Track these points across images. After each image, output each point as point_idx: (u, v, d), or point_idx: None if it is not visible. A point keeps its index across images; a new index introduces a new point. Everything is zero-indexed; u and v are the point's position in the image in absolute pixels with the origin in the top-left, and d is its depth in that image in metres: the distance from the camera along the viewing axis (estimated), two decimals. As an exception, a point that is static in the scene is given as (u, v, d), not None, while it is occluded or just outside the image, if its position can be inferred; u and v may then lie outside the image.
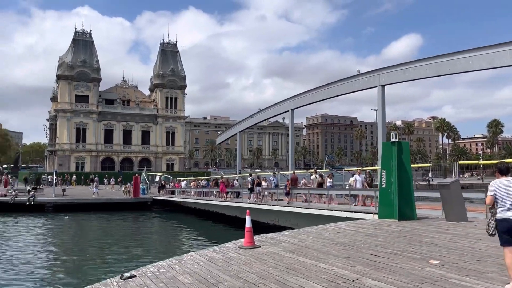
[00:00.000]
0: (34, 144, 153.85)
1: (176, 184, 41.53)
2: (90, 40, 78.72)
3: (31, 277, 15.01)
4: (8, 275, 15.34)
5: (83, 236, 25.67)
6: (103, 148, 77.62)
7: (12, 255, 19.02)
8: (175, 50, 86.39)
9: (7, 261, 17.81)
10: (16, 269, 16.22)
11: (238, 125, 48.33)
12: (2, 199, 36.76)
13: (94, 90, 77.31)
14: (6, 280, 14.64)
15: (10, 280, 14.56)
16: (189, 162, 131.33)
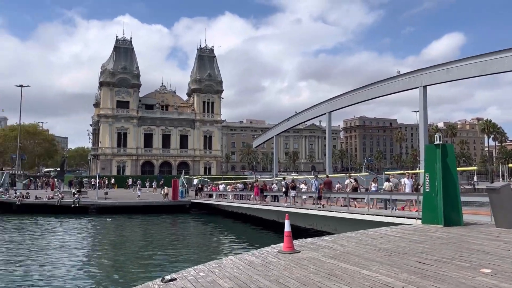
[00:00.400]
0: (78, 148, 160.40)
1: (213, 187, 41.93)
2: (130, 47, 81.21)
3: (74, 277, 15.52)
4: (52, 275, 15.94)
5: (125, 237, 26.35)
6: (143, 152, 79.69)
7: (57, 256, 19.78)
8: (211, 55, 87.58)
9: (52, 261, 18.53)
10: (60, 269, 16.84)
11: (274, 128, 48.27)
12: (49, 202, 38.46)
13: (134, 96, 79.59)
14: (50, 279, 15.22)
15: (53, 280, 15.13)
16: (226, 165, 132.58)
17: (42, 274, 16.02)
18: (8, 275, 15.81)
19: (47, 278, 15.30)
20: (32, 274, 16.06)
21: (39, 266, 17.45)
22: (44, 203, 38.54)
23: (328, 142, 37.13)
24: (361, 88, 33.58)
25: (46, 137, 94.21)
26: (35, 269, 16.97)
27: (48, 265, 17.73)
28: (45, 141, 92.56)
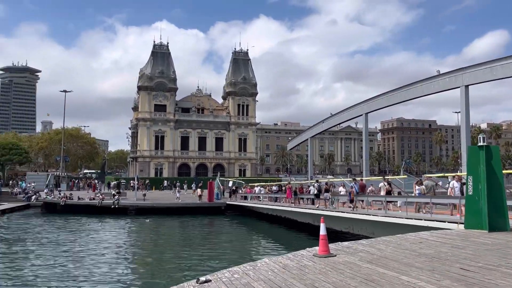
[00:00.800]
0: (118, 151, 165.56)
1: (248, 189, 42.05)
2: (167, 52, 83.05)
3: (111, 276, 15.96)
4: (91, 272, 16.47)
5: (162, 238, 26.87)
6: (179, 155, 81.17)
7: (96, 255, 20.42)
8: (246, 58, 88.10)
9: (92, 259, 19.14)
10: (99, 268, 17.37)
11: (309, 130, 47.86)
12: (91, 202, 39.87)
13: (171, 100, 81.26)
14: (89, 277, 15.72)
15: (92, 277, 15.62)
16: (260, 168, 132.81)
17: (82, 271, 16.58)
18: (51, 271, 16.47)
19: (86, 276, 15.83)
20: (72, 271, 16.66)
21: (79, 264, 18.08)
22: (86, 203, 39.99)
23: (365, 144, 36.38)
24: (398, 88, 32.72)
25: (88, 140, 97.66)
26: (76, 266, 17.59)
27: (88, 263, 18.34)
28: (87, 144, 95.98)
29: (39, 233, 28.03)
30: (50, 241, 24.35)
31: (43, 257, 19.71)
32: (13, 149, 62.12)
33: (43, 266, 17.56)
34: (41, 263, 18.22)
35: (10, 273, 16.34)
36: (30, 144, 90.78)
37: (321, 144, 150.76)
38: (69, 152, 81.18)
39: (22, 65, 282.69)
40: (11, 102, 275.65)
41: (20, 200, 46.78)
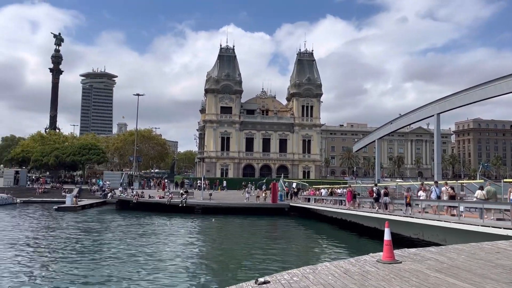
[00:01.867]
0: (187, 152, 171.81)
1: (312, 191, 41.57)
2: (233, 55, 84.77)
3: (173, 271, 16.55)
4: (155, 267, 17.19)
5: (226, 237, 27.40)
6: (244, 156, 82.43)
7: (162, 250, 21.30)
8: (311, 59, 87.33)
9: (158, 255, 19.99)
10: (163, 263, 18.09)
11: (376, 131, 46.27)
12: (160, 201, 41.76)
13: (237, 102, 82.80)
14: (153, 271, 16.40)
15: (156, 272, 16.29)
16: (325, 170, 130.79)
17: (147, 266, 17.37)
18: (119, 264, 17.46)
19: (151, 270, 16.57)
20: (138, 266, 17.50)
21: (145, 259, 18.98)
22: (156, 202, 41.96)
23: (437, 146, 34.39)
24: (475, 87, 30.51)
25: (158, 141, 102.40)
26: (142, 260, 18.47)
27: (153, 258, 19.20)
28: (158, 145, 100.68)
29: (114, 228, 29.89)
30: (123, 236, 25.86)
31: (116, 249, 20.97)
32: (92, 149, 66.85)
33: (115, 259, 18.66)
34: (114, 255, 19.38)
35: (89, 265, 17.56)
36: (107, 145, 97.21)
37: (390, 146, 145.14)
38: (141, 152, 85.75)
39: (101, 71, 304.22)
40: (91, 106, 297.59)
41: (97, 197, 50.29)
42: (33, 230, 28.06)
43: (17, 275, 15.75)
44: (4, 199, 45.60)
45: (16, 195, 48.93)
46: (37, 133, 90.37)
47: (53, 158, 62.83)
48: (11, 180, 55.84)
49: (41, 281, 14.98)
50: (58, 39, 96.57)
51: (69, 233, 27.21)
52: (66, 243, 23.33)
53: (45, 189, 53.94)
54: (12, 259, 18.57)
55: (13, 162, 73.84)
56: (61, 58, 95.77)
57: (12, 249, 20.96)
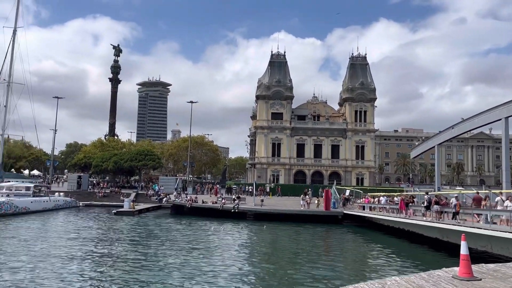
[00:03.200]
0: (238, 158, 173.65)
1: (366, 199, 40.18)
2: (284, 61, 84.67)
3: (222, 278, 16.39)
4: (204, 273, 17.12)
5: (278, 245, 26.99)
6: (295, 162, 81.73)
7: (213, 256, 21.28)
8: (364, 63, 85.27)
9: (208, 260, 19.97)
10: (213, 269, 18.00)
11: (435, 137, 44.02)
12: (213, 206, 42.19)
13: (287, 108, 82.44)
14: (202, 277, 16.34)
15: (205, 277, 16.21)
16: (379, 176, 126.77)
17: (196, 272, 17.40)
18: (175, 268, 17.60)
19: (201, 276, 16.54)
20: (188, 270, 17.56)
21: (196, 263, 19.04)
22: (209, 207, 42.44)
23: (505, 153, 32.00)
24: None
25: (211, 147, 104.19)
26: (192, 265, 18.53)
27: (204, 263, 19.22)
28: (210, 151, 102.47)
29: (169, 231, 30.49)
30: (179, 240, 26.25)
31: (171, 253, 21.27)
32: (148, 155, 69.19)
33: (170, 262, 18.89)
34: (169, 259, 19.64)
35: (145, 267, 17.90)
36: (162, 151, 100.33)
37: (448, 153, 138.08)
38: (194, 158, 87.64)
39: (156, 80, 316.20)
40: (146, 113, 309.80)
41: (153, 201, 51.81)
42: (95, 232, 29.27)
43: (80, 272, 16.35)
44: (68, 202, 48.21)
45: (79, 199, 51.57)
46: (97, 140, 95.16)
47: (112, 164, 65.66)
48: (74, 184, 59.02)
49: (99, 282, 15.41)
50: (117, 50, 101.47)
51: (127, 236, 28.09)
52: (124, 245, 24.04)
53: (105, 193, 56.45)
54: (76, 259, 19.36)
55: (76, 167, 78.10)
56: (119, 68, 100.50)
57: (76, 249, 21.89)
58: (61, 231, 29.56)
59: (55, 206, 45.14)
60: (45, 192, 48.07)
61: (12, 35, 45.46)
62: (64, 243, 24.21)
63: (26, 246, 22.70)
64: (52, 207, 44.46)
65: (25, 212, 39.92)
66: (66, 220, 36.88)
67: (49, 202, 44.87)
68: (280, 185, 67.44)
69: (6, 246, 22.64)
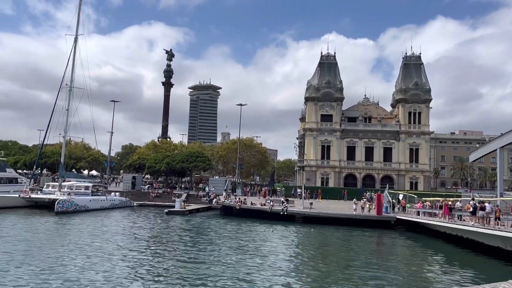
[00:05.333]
0: (286, 160, 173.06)
1: (419, 204, 38.48)
2: (334, 62, 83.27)
3: (268, 281, 16.22)
4: (253, 275, 17.02)
5: (327, 249, 26.43)
6: (345, 165, 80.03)
7: (262, 258, 21.16)
8: (418, 62, 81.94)
9: (257, 263, 19.88)
10: (262, 270, 17.87)
11: (497, 139, 41.34)
12: (262, 208, 42.23)
13: (337, 109, 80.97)
14: (251, 278, 16.24)
15: (253, 278, 16.10)
16: (434, 181, 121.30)
17: (246, 272, 17.36)
18: (224, 267, 17.69)
19: (251, 276, 16.46)
20: (239, 270, 17.55)
21: (246, 264, 19.02)
22: (257, 209, 42.55)
23: None
24: None
25: (259, 149, 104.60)
26: (242, 265, 18.51)
27: (254, 264, 19.17)
28: (259, 153, 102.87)
29: (219, 232, 30.88)
30: (228, 240, 26.49)
31: (220, 253, 21.48)
32: (198, 156, 70.68)
33: (219, 262, 19.05)
34: (218, 259, 19.82)
35: (194, 266, 18.17)
36: (212, 153, 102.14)
37: (511, 156, 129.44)
38: (243, 160, 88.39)
39: (207, 83, 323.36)
40: (197, 116, 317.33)
41: (204, 202, 52.81)
42: (148, 231, 30.27)
43: (133, 269, 16.89)
44: (123, 202, 50.32)
45: (133, 199, 53.65)
46: (151, 142, 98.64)
47: (165, 165, 67.72)
48: (129, 184, 61.54)
49: (152, 278, 15.82)
50: (170, 55, 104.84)
51: (178, 235, 28.79)
52: (175, 244, 24.64)
53: (158, 194, 58.32)
54: (130, 255, 20.07)
55: (131, 168, 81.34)
56: (172, 72, 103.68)
57: (131, 246, 22.72)
58: (117, 229, 30.88)
59: (111, 205, 47.25)
60: (102, 192, 50.49)
61: (74, 42, 48.15)
62: (120, 240, 25.23)
63: (87, 242, 23.88)
64: (108, 206, 46.58)
65: (84, 210, 42.10)
66: (122, 218, 38.46)
67: (106, 201, 47.05)
68: (319, 188, 66.24)
69: (68, 241, 23.94)
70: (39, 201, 43.63)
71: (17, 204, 42.73)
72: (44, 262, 18.29)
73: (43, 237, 25.89)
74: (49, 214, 37.73)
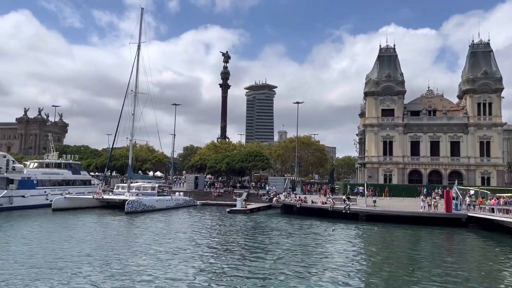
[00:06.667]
0: (345, 157, 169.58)
1: (494, 200, 35.97)
2: (393, 54, 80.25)
3: (339, 281, 15.86)
4: (318, 275, 16.75)
5: (393, 249, 25.49)
6: (409, 161, 76.84)
7: (327, 258, 20.82)
8: (487, 50, 76.59)
9: (321, 262, 19.59)
10: (327, 270, 17.56)
11: None
12: (323, 206, 41.72)
13: (399, 103, 77.94)
14: (316, 278, 16.00)
15: (318, 277, 15.84)
16: (508, 175, 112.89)
17: (311, 271, 17.13)
18: (286, 266, 17.64)
19: (316, 276, 16.22)
20: (303, 269, 17.38)
21: (310, 263, 18.80)
22: (318, 207, 42.11)
23: None
24: None
25: (317, 147, 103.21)
26: (307, 264, 18.33)
27: (318, 263, 18.88)
28: (317, 151, 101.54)
29: (281, 231, 30.94)
30: (292, 239, 26.45)
31: (284, 252, 21.49)
32: (257, 156, 71.32)
33: (283, 261, 19.04)
34: (282, 258, 19.83)
35: (259, 264, 18.31)
36: (270, 152, 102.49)
37: None
38: (301, 158, 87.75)
39: (262, 83, 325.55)
40: (254, 116, 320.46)
41: (263, 201, 53.17)
42: (212, 229, 31.07)
43: (201, 265, 17.40)
44: (187, 201, 52.06)
45: (196, 198, 55.31)
46: (211, 143, 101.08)
47: (225, 165, 69.08)
48: (192, 184, 63.56)
49: (216, 276, 16.17)
50: (226, 57, 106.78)
51: (242, 233, 29.24)
52: (241, 242, 25.01)
53: (219, 193, 59.64)
54: (199, 252, 20.70)
55: (193, 168, 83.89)
56: (228, 74, 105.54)
57: (199, 243, 23.43)
58: (184, 228, 32.07)
59: (176, 205, 49.04)
60: (167, 192, 52.54)
61: (137, 50, 50.59)
62: (188, 238, 26.14)
63: (157, 240, 25.00)
64: (173, 206, 48.39)
65: (151, 210, 44.07)
66: (187, 217, 39.81)
67: (171, 201, 48.92)
68: (386, 186, 64.04)
69: (140, 240, 25.22)
70: (110, 201, 46.31)
71: (91, 205, 45.69)
72: (119, 261, 19.37)
73: (117, 236, 27.49)
74: (120, 214, 39.93)
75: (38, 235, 26.84)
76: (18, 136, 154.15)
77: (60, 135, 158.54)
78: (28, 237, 25.53)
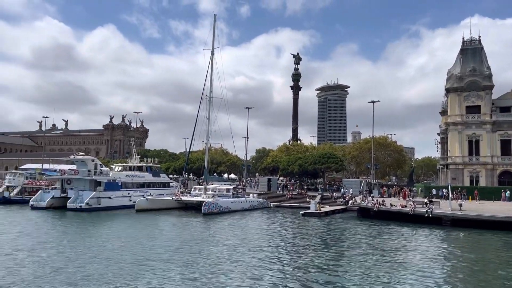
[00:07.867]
0: (425, 158, 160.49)
1: None
2: (479, 47, 74.18)
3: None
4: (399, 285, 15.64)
5: (487, 257, 23.27)
6: (499, 161, 70.37)
7: (409, 267, 19.47)
8: None
9: (403, 272, 18.33)
10: (409, 281, 16.37)
11: None
12: (403, 210, 39.55)
13: (486, 99, 71.79)
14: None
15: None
16: None
17: (391, 281, 16.07)
18: (366, 274, 16.74)
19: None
20: (383, 279, 16.37)
21: (390, 272, 17.69)
22: (398, 211, 39.98)
23: None
24: None
25: (395, 147, 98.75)
26: (387, 273, 17.27)
27: (399, 273, 17.72)
28: (394, 152, 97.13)
29: (358, 235, 29.79)
30: (371, 246, 25.31)
31: (363, 257, 20.56)
32: (330, 157, 69.90)
33: (363, 268, 18.17)
34: (360, 264, 18.96)
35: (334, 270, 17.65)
36: (343, 153, 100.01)
37: None
38: (377, 159, 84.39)
39: (334, 84, 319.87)
40: (326, 117, 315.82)
41: (338, 204, 51.84)
42: (287, 232, 30.81)
43: (277, 267, 17.18)
44: (261, 203, 52.41)
45: (269, 200, 55.48)
46: (282, 145, 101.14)
47: (297, 167, 68.61)
48: (265, 186, 63.94)
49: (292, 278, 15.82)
50: (297, 58, 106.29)
51: (318, 236, 28.60)
52: (317, 246, 24.44)
53: (293, 195, 59.28)
54: (274, 254, 20.55)
55: (266, 170, 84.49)
56: (299, 75, 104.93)
57: (274, 245, 23.31)
58: (259, 229, 32.28)
59: (250, 207, 49.57)
60: (241, 194, 53.34)
61: (211, 56, 52.15)
62: (265, 240, 26.18)
63: (234, 241, 25.32)
64: (248, 207, 48.96)
65: (227, 211, 44.96)
66: (261, 219, 40.03)
67: (245, 202, 49.56)
68: (476, 188, 59.11)
69: (217, 240, 25.75)
70: (188, 203, 48.06)
71: (170, 206, 47.74)
72: (198, 260, 19.83)
73: (197, 235, 28.35)
74: (198, 215, 41.24)
75: (131, 234, 28.67)
76: (105, 142, 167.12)
77: (142, 140, 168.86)
78: (123, 236, 27.39)
